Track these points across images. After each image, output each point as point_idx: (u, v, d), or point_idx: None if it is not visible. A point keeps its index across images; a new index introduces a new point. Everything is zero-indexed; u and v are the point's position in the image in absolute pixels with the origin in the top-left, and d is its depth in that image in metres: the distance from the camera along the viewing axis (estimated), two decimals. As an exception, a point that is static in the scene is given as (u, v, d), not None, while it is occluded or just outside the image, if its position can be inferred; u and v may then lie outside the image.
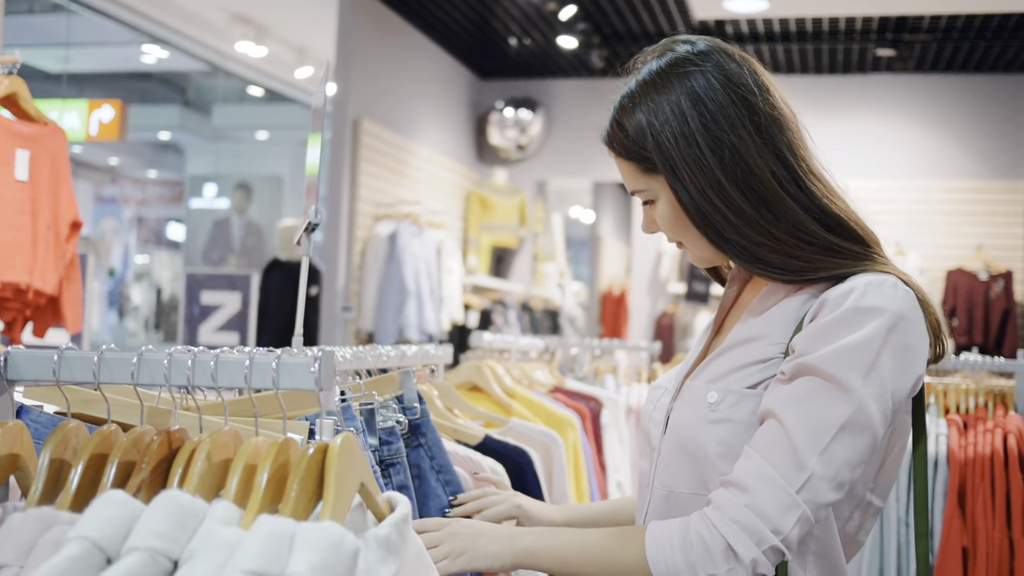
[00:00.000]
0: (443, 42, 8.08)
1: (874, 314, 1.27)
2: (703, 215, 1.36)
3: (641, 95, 1.40)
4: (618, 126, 1.42)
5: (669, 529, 1.28)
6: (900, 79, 8.25)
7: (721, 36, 7.44)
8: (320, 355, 0.92)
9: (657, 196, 1.41)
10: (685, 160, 1.35)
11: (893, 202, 8.12)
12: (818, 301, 1.32)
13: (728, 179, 1.35)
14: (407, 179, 7.42)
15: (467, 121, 8.85)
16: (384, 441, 1.39)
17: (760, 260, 1.36)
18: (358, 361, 1.74)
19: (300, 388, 0.92)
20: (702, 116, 1.36)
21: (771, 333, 1.37)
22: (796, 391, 1.26)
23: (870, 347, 1.26)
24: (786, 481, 1.22)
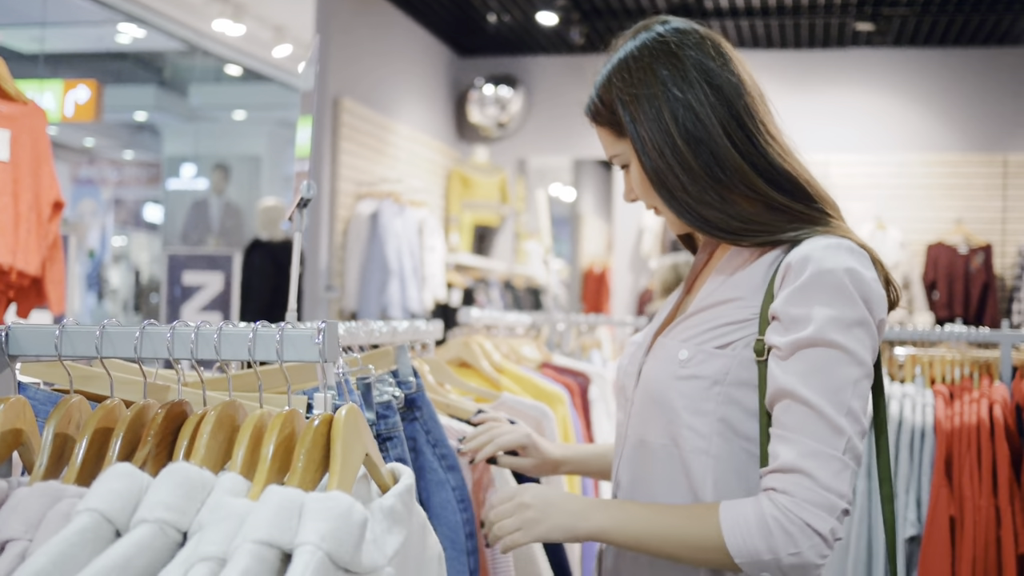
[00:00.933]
0: (422, 20, 8.03)
1: (838, 274, 1.35)
2: (658, 173, 1.47)
3: (617, 68, 1.53)
4: (597, 97, 1.55)
5: (744, 514, 1.33)
6: (879, 53, 8.27)
7: (700, 11, 7.43)
8: (324, 326, 0.91)
9: (629, 160, 1.53)
10: (646, 117, 1.47)
11: (873, 176, 8.15)
12: (783, 266, 1.40)
13: (681, 136, 1.45)
14: (388, 158, 7.39)
15: (447, 99, 8.81)
16: (381, 415, 1.39)
17: (704, 219, 1.46)
18: (351, 337, 1.74)
19: (304, 360, 0.92)
20: (663, 79, 1.48)
21: (742, 296, 1.45)
22: (804, 366, 1.34)
23: (847, 304, 1.35)
24: (831, 448, 1.31)
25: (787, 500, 1.30)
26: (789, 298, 1.36)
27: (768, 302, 1.40)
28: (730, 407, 1.41)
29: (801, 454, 1.31)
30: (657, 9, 7.55)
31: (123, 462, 0.87)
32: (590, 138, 1.60)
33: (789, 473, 1.32)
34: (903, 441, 2.73)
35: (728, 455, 1.41)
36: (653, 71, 1.49)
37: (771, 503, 1.31)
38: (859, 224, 7.88)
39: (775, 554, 1.30)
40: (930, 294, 7.78)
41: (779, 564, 1.30)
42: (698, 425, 1.42)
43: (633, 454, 1.51)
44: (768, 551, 1.30)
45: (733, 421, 1.41)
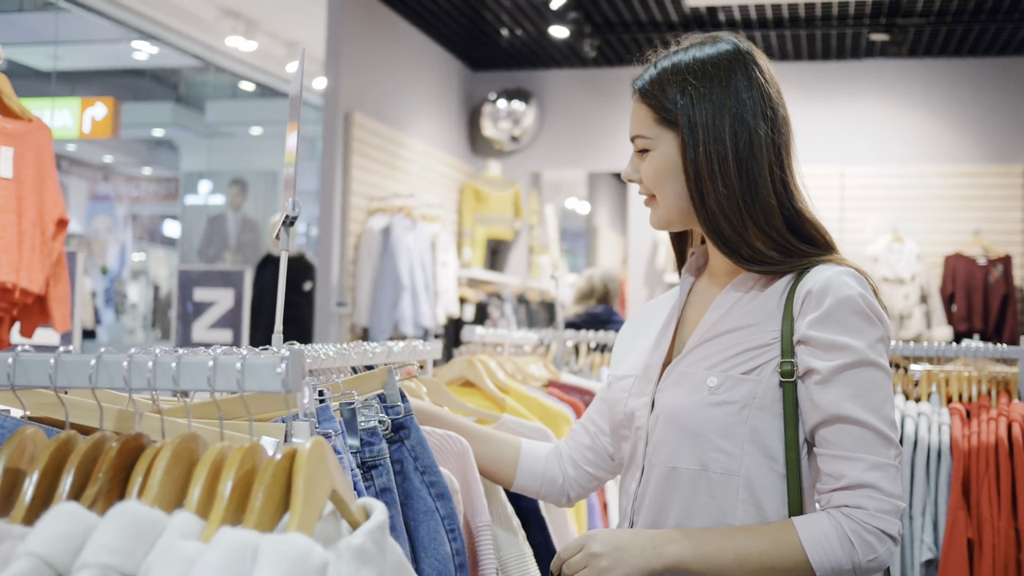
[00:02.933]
0: (434, 34, 8.01)
1: (856, 300, 1.46)
2: (699, 176, 1.52)
3: (689, 66, 1.56)
4: (657, 79, 1.58)
5: (824, 531, 1.43)
6: (894, 64, 8.19)
7: (713, 23, 7.38)
8: (288, 355, 0.86)
9: (656, 147, 1.57)
10: (707, 125, 1.53)
11: (889, 188, 8.06)
12: (800, 292, 1.49)
13: (733, 152, 1.52)
14: (400, 172, 7.36)
15: (460, 113, 8.78)
16: (366, 442, 1.34)
17: (720, 232, 1.53)
18: (342, 358, 1.69)
19: (266, 391, 0.87)
20: (735, 93, 1.54)
21: (757, 322, 1.52)
22: (850, 388, 1.44)
23: (872, 326, 1.46)
24: (887, 459, 1.43)
25: (862, 514, 1.41)
26: (819, 325, 1.45)
27: (787, 326, 1.49)
28: (758, 429, 1.48)
29: (865, 469, 1.42)
30: (670, 22, 7.51)
31: (70, 501, 0.82)
32: (604, 151, 1.65)
33: (858, 489, 1.42)
34: (918, 461, 2.65)
35: (756, 475, 1.48)
36: (728, 82, 1.55)
37: (847, 518, 1.41)
38: (876, 236, 7.79)
39: (856, 563, 1.41)
40: (949, 307, 7.68)
41: (858, 570, 1.42)
42: (729, 448, 1.48)
43: (662, 481, 1.55)
44: (850, 561, 1.41)
45: (761, 442, 1.48)
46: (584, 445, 1.78)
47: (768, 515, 1.48)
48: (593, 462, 1.77)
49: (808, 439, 1.49)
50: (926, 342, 2.89)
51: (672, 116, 1.55)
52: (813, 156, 8.04)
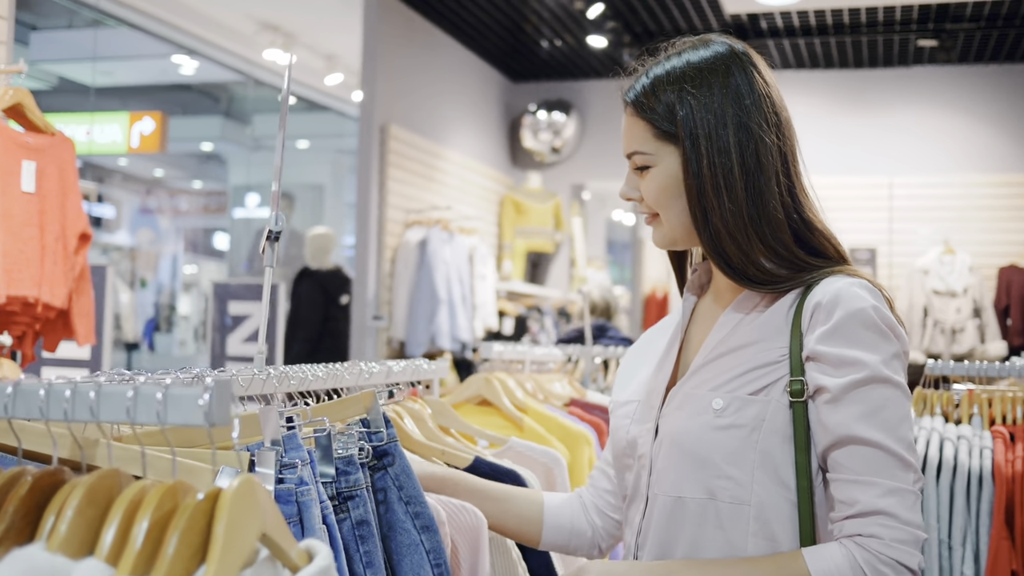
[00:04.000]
0: (473, 46, 7.96)
1: (869, 313, 1.35)
2: (702, 192, 1.42)
3: (684, 72, 1.46)
4: (651, 89, 1.47)
5: (835, 562, 1.31)
6: (943, 71, 7.99)
7: (755, 31, 7.25)
8: (212, 385, 0.78)
9: (656, 163, 1.47)
10: (710, 136, 1.42)
11: (939, 198, 7.86)
12: (809, 306, 1.39)
13: (741, 169, 1.42)
14: (437, 184, 7.30)
15: (499, 124, 8.72)
16: (341, 471, 1.25)
17: (724, 253, 1.42)
18: (334, 379, 1.61)
19: (189, 424, 0.79)
20: (736, 97, 1.44)
21: (763, 338, 1.42)
22: (862, 407, 1.33)
23: (886, 341, 1.35)
24: (904, 484, 1.31)
25: (876, 543, 1.29)
26: (828, 339, 1.35)
27: (796, 342, 1.38)
28: (769, 453, 1.37)
29: (879, 495, 1.30)
30: (711, 29, 7.38)
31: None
32: None
33: (872, 516, 1.30)
34: (958, 488, 2.51)
35: (767, 504, 1.37)
36: (728, 87, 1.45)
37: (860, 548, 1.29)
38: (926, 248, 7.60)
39: None
40: (1003, 320, 7.45)
41: None
42: (737, 475, 1.37)
43: (666, 512, 1.44)
44: None
45: (772, 467, 1.37)
46: (605, 490, 1.67)
47: (782, 548, 1.37)
48: (618, 507, 1.65)
49: (820, 464, 1.37)
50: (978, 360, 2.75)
51: (671, 129, 1.45)
52: (861, 166, 7.87)
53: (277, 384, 1.40)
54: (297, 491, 1.14)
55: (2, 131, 2.77)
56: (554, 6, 6.94)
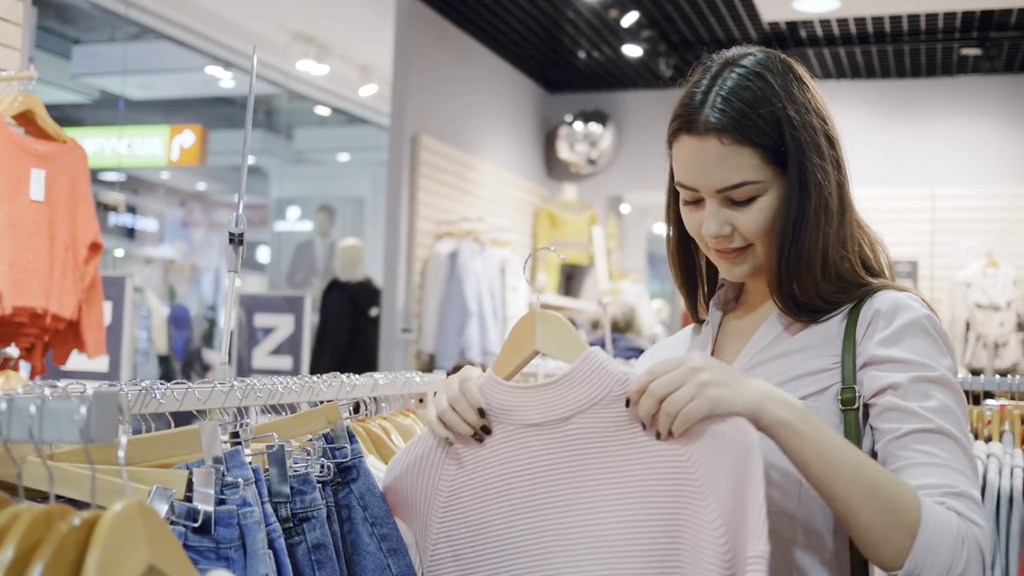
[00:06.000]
0: (508, 55, 7.91)
1: (927, 322, 1.32)
2: (803, 218, 1.34)
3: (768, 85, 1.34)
4: (747, 109, 1.32)
5: (946, 516, 1.18)
6: (988, 80, 7.81)
7: (794, 40, 7.13)
8: (91, 397, 0.71)
9: (765, 191, 1.34)
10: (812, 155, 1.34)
11: (983, 210, 7.68)
12: (866, 316, 1.33)
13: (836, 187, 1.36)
14: (469, 195, 7.25)
15: (534, 135, 8.66)
16: (297, 491, 1.18)
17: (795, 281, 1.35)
18: (310, 391, 1.54)
19: (66, 441, 0.72)
20: (821, 119, 1.37)
21: (813, 345, 1.36)
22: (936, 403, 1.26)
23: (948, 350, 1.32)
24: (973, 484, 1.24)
25: (979, 532, 1.20)
26: (890, 343, 1.30)
27: (849, 352, 1.33)
28: None
29: (970, 485, 1.23)
30: (748, 39, 7.27)
31: None
32: None
33: (970, 501, 1.22)
34: (987, 507, 2.40)
35: (812, 514, 1.29)
36: (808, 100, 1.36)
37: (966, 523, 1.19)
38: (969, 261, 7.42)
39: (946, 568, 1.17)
40: (1048, 335, 7.26)
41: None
42: (784, 483, 1.29)
43: None
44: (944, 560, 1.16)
45: None
46: None
47: (830, 562, 1.29)
48: None
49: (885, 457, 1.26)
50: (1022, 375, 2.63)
51: (780, 150, 1.32)
52: (902, 178, 7.71)
53: (240, 397, 1.33)
54: (239, 513, 1.07)
55: (10, 138, 2.74)
56: (589, 15, 6.87)
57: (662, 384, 1.16)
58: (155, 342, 7.89)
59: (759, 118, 1.32)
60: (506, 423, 1.29)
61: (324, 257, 9.71)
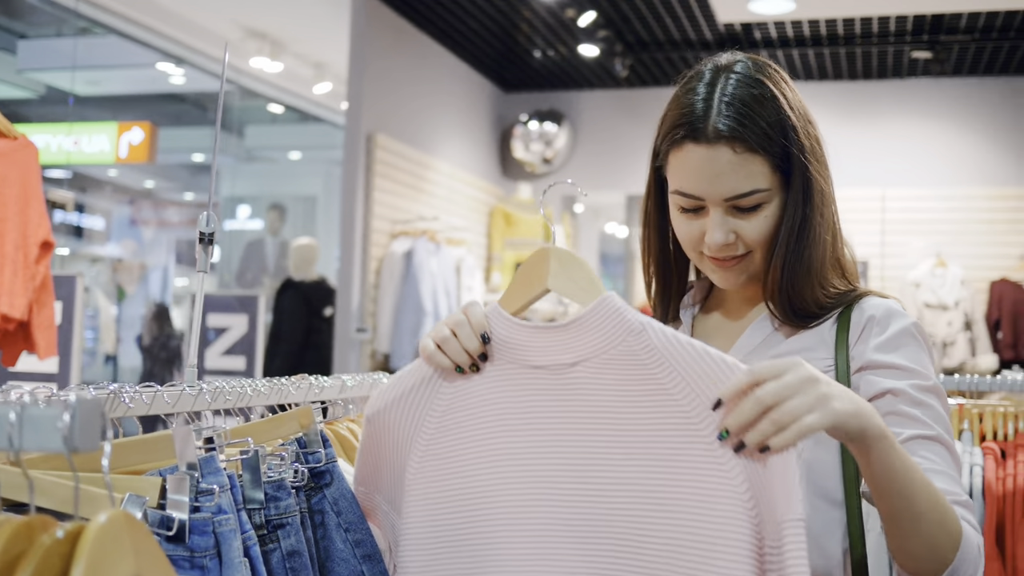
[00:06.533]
0: (464, 54, 7.88)
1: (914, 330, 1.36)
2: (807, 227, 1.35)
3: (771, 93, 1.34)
4: (757, 117, 1.32)
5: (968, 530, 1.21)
6: (938, 83, 7.92)
7: (749, 42, 7.17)
8: (75, 404, 0.68)
9: (772, 198, 1.35)
10: (815, 164, 1.35)
11: (932, 211, 7.79)
12: (859, 321, 1.36)
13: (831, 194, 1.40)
14: (425, 195, 7.21)
15: (490, 135, 8.64)
16: (271, 497, 1.15)
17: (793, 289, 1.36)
18: (279, 394, 1.51)
19: (48, 449, 0.69)
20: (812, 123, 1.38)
21: (807, 347, 1.37)
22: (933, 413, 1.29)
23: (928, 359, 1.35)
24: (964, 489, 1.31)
25: (978, 539, 1.23)
26: (887, 349, 1.33)
27: (843, 356, 1.34)
28: (811, 464, 1.30)
29: (964, 493, 1.27)
30: (704, 40, 7.31)
31: None
32: (640, 173, 1.39)
33: (969, 509, 1.25)
34: (947, 506, 2.42)
35: (814, 517, 1.28)
36: (801, 107, 1.38)
37: (976, 535, 1.22)
38: (918, 261, 7.52)
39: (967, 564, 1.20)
40: (994, 334, 7.37)
41: None
42: None
43: None
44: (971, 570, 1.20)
45: (814, 479, 1.30)
46: None
47: (831, 562, 1.30)
48: None
49: None
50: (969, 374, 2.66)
51: (787, 158, 1.33)
52: (853, 178, 7.79)
53: (210, 400, 1.30)
54: (215, 520, 1.04)
55: (-43, 135, 2.68)
56: (546, 15, 6.87)
57: (773, 391, 1.05)
58: (103, 342, 7.76)
59: (768, 126, 1.31)
60: (507, 361, 1.21)
61: (275, 256, 9.62)
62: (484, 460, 1.20)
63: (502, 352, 1.22)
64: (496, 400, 1.21)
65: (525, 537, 1.16)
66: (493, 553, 1.17)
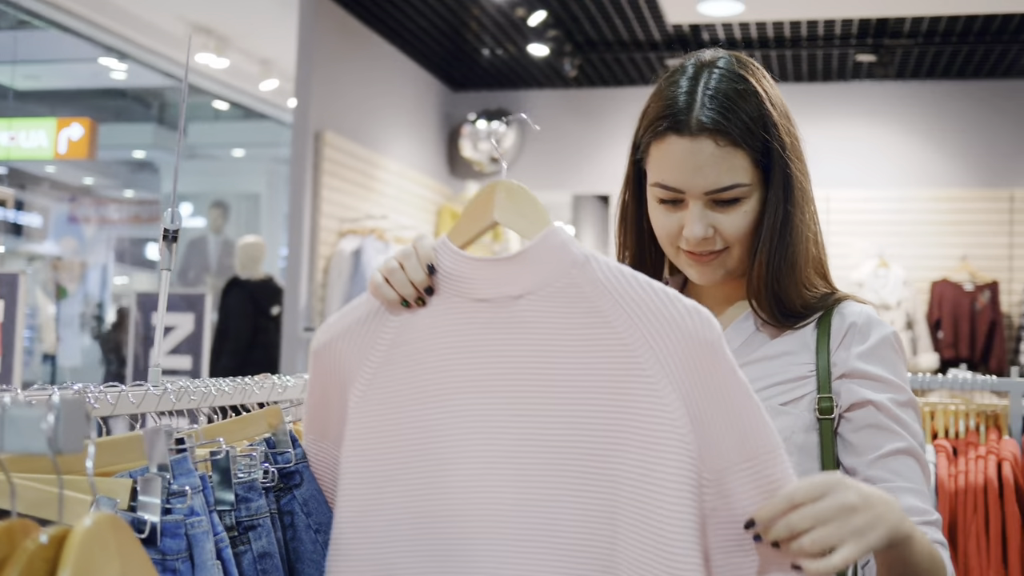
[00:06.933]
0: (413, 53, 7.84)
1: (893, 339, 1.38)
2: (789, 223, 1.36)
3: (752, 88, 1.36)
4: (740, 111, 1.33)
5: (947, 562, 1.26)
6: (881, 86, 8.05)
7: (696, 43, 7.22)
8: (59, 405, 0.66)
9: (751, 194, 1.35)
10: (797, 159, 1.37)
11: (875, 212, 7.90)
12: (841, 326, 1.37)
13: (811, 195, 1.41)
14: (374, 193, 7.17)
15: (438, 134, 8.61)
16: (242, 498, 1.13)
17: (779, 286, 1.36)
18: (241, 394, 1.49)
19: (31, 452, 0.66)
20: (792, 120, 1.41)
21: (790, 351, 1.38)
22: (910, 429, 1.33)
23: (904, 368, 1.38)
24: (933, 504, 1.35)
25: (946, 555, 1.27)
26: (869, 359, 1.34)
27: (824, 360, 1.36)
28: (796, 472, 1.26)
29: (934, 507, 1.33)
30: (653, 40, 7.35)
31: None
32: (587, 173, 1.39)
33: (939, 528, 1.30)
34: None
35: None
36: (780, 101, 1.40)
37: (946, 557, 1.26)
38: (861, 261, 7.63)
39: None
40: (935, 333, 7.51)
41: None
42: None
43: None
44: None
45: None
46: None
47: None
48: None
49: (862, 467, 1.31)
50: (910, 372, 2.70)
51: (767, 153, 1.34)
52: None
53: (175, 400, 1.27)
54: (187, 523, 1.01)
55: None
56: (495, 13, 6.85)
57: (807, 518, 1.04)
58: (43, 341, 7.60)
59: (750, 120, 1.33)
60: (453, 294, 1.21)
61: (217, 254, 9.50)
62: (428, 393, 1.19)
63: (449, 285, 1.21)
64: (441, 333, 1.20)
65: (467, 470, 1.16)
66: (435, 485, 1.16)
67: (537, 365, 1.15)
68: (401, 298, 1.21)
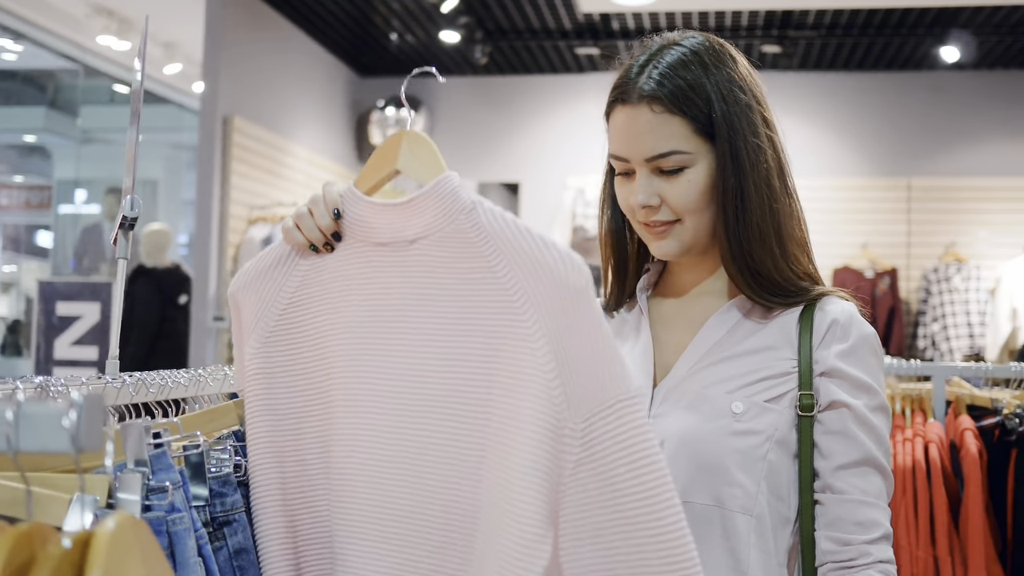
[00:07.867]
0: (321, 38, 7.72)
1: (874, 340, 1.39)
2: (743, 192, 1.35)
3: (705, 64, 1.37)
4: (679, 80, 1.35)
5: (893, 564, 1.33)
6: (785, 77, 8.20)
7: (607, 32, 7.27)
8: (80, 401, 0.62)
9: (694, 163, 1.36)
10: (747, 131, 1.36)
11: (781, 201, 8.06)
12: (823, 322, 1.37)
13: (775, 163, 1.40)
14: (283, 180, 7.05)
15: (347, 120, 8.50)
16: (216, 493, 1.09)
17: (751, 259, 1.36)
18: (199, 386, 1.44)
19: (50, 450, 0.63)
20: (756, 97, 1.40)
21: (773, 345, 1.39)
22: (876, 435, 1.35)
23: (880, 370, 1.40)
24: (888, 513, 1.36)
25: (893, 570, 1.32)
26: (847, 359, 1.35)
27: (806, 356, 1.37)
28: (773, 465, 1.34)
29: (889, 522, 1.34)
30: (563, 29, 7.37)
31: None
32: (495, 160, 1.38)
33: (890, 542, 1.33)
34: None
35: (768, 515, 1.34)
36: (744, 80, 1.39)
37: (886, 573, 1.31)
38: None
39: None
40: (839, 319, 7.71)
41: None
42: (747, 483, 1.33)
43: None
44: None
45: (773, 480, 1.35)
46: None
47: (772, 562, 1.34)
48: None
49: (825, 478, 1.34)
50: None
51: (709, 124, 1.35)
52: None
53: (133, 393, 1.23)
54: (168, 520, 0.98)
55: None
56: (407, 0, 6.79)
57: None
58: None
59: (690, 88, 1.34)
60: (357, 239, 1.26)
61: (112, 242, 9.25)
62: (326, 334, 1.25)
63: (353, 230, 1.26)
64: (343, 276, 1.26)
65: (351, 407, 1.21)
66: (326, 421, 1.23)
67: (422, 306, 1.20)
68: (309, 242, 1.25)
